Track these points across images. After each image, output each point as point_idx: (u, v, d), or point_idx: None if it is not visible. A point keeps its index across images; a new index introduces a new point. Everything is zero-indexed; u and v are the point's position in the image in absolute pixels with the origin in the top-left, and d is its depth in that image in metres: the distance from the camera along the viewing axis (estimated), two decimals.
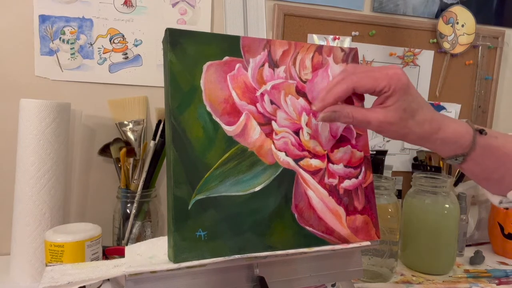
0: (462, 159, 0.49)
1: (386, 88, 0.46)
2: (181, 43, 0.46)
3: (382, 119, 0.46)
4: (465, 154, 0.49)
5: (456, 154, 0.49)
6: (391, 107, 0.46)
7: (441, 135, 0.48)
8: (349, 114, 0.47)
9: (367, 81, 0.46)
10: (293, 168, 0.49)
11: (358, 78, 0.46)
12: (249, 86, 0.49)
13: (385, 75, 0.46)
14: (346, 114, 0.47)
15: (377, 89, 0.46)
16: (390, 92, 0.46)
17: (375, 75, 0.46)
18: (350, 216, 0.51)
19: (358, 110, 0.47)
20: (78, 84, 0.85)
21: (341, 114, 0.47)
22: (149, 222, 0.83)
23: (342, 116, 0.47)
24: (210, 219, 0.45)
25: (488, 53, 1.09)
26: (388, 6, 1.01)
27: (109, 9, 0.85)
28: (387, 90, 0.46)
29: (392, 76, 0.46)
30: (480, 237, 1.01)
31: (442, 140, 0.48)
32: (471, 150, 0.48)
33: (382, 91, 0.46)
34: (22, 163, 0.70)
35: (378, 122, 0.46)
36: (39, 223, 0.70)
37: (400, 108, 0.46)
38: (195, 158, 0.45)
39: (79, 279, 0.42)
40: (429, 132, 0.47)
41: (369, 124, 0.47)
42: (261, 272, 0.48)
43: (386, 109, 0.46)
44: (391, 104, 0.46)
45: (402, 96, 0.46)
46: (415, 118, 0.47)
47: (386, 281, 0.77)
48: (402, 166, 1.07)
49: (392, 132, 0.47)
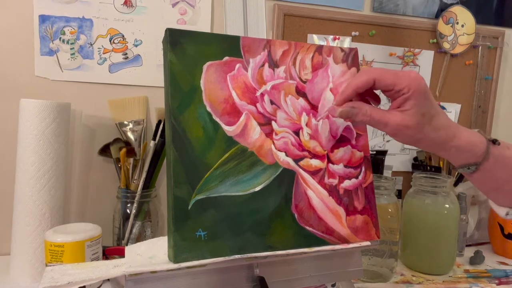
0: (475, 168, 0.49)
1: (406, 89, 0.45)
2: (181, 43, 0.46)
3: (399, 121, 0.46)
4: (478, 163, 0.48)
5: (469, 163, 0.49)
6: (409, 111, 0.46)
7: (456, 142, 0.48)
8: (367, 112, 0.47)
9: (389, 76, 0.46)
10: (293, 168, 0.49)
11: (381, 72, 0.46)
12: (249, 86, 0.49)
13: (407, 76, 0.46)
14: (364, 112, 0.47)
15: (397, 87, 0.46)
16: (409, 94, 0.45)
17: (397, 73, 0.46)
18: (350, 216, 0.51)
19: (377, 110, 0.47)
20: (78, 84, 0.85)
21: (359, 111, 0.47)
22: (149, 222, 0.83)
23: (360, 114, 0.47)
24: (210, 219, 0.45)
25: (488, 53, 1.09)
26: (388, 6, 1.01)
27: (109, 9, 0.85)
28: (407, 91, 0.45)
29: (413, 78, 0.46)
30: (480, 237, 1.01)
31: (456, 148, 0.48)
32: (484, 160, 0.48)
33: (401, 91, 0.46)
34: (22, 163, 0.70)
35: (396, 125, 0.46)
36: (39, 223, 0.70)
37: (418, 112, 0.46)
38: (195, 158, 0.45)
39: (79, 279, 0.42)
40: (445, 139, 0.47)
41: (386, 125, 0.47)
42: (261, 272, 0.48)
43: (404, 113, 0.46)
44: (409, 108, 0.46)
45: (421, 100, 0.46)
46: (431, 123, 0.47)
47: (386, 281, 0.77)
48: (402, 166, 1.07)
49: (408, 137, 0.47)
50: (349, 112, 0.47)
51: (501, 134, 1.15)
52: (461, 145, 0.48)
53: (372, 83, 0.47)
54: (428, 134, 0.47)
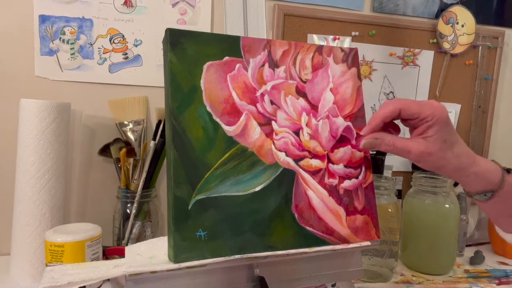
0: (491, 195, 0.50)
1: (429, 117, 0.47)
2: (181, 43, 0.46)
3: (422, 149, 0.48)
4: (494, 191, 0.50)
5: (485, 190, 0.50)
6: (432, 138, 0.48)
7: (475, 169, 0.49)
8: (390, 142, 0.49)
9: (414, 106, 0.48)
10: (293, 168, 0.49)
11: (405, 101, 0.49)
12: (249, 86, 0.49)
13: (430, 105, 0.48)
14: (387, 142, 0.49)
15: (421, 116, 0.48)
16: (433, 121, 0.47)
17: (421, 103, 0.49)
18: (350, 216, 0.51)
19: (399, 139, 0.49)
20: (78, 84, 0.85)
21: (382, 141, 0.49)
22: (149, 222, 0.83)
23: (383, 144, 0.49)
24: (210, 219, 0.45)
25: (488, 53, 1.09)
26: (388, 6, 1.01)
27: (109, 9, 0.85)
28: (430, 119, 0.47)
29: (436, 107, 0.48)
30: (480, 237, 1.01)
31: (475, 174, 0.49)
32: (499, 188, 0.49)
33: (425, 119, 0.48)
34: (22, 163, 0.70)
35: (419, 152, 0.48)
36: (39, 223, 0.70)
37: (440, 139, 0.48)
38: (195, 158, 0.45)
39: (79, 279, 0.42)
40: (466, 165, 0.49)
41: (409, 153, 0.48)
42: (261, 272, 0.48)
43: (427, 139, 0.48)
44: (432, 135, 0.48)
45: (443, 127, 0.48)
46: (453, 150, 0.48)
47: (386, 281, 0.77)
48: (402, 166, 1.07)
49: (430, 163, 0.49)
50: (373, 143, 0.49)
51: (501, 134, 1.15)
52: (479, 172, 0.49)
53: (398, 113, 0.49)
54: (450, 160, 0.48)
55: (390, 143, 0.49)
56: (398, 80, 1.04)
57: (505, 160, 1.14)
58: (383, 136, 0.49)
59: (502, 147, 1.15)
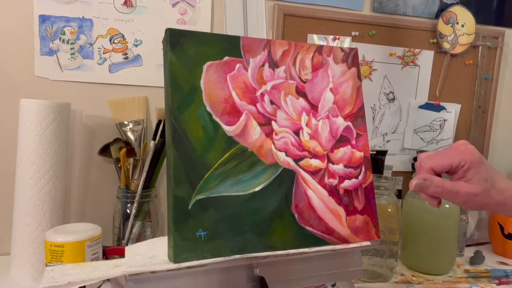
0: None
1: (463, 162, 0.48)
2: (181, 43, 0.46)
3: (468, 190, 0.48)
4: None
5: None
6: (473, 179, 0.48)
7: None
8: (439, 183, 0.49)
9: (443, 160, 0.49)
10: (293, 168, 0.49)
11: (434, 160, 0.49)
12: (249, 86, 0.49)
13: (457, 151, 0.49)
14: (436, 183, 0.49)
15: (454, 165, 0.48)
16: (468, 165, 0.48)
17: (447, 153, 0.49)
18: (350, 216, 0.51)
19: (447, 181, 0.49)
20: (78, 84, 0.85)
21: (431, 183, 0.49)
22: (149, 222, 0.83)
23: (432, 185, 0.49)
24: (210, 219, 0.45)
25: (488, 53, 1.09)
26: (388, 6, 1.01)
27: (109, 9, 0.85)
28: (464, 163, 0.48)
29: (463, 151, 0.49)
30: (480, 237, 1.01)
31: None
32: None
33: (460, 166, 0.48)
34: (22, 163, 0.70)
35: (465, 194, 0.48)
36: (39, 223, 0.70)
37: (482, 179, 0.48)
38: (195, 158, 0.45)
39: (79, 279, 0.42)
40: (510, 199, 0.49)
41: (457, 194, 0.48)
42: (261, 272, 0.48)
43: (469, 182, 0.48)
44: (472, 177, 0.48)
45: (480, 167, 0.48)
46: (495, 186, 0.49)
47: (386, 281, 0.77)
48: (402, 166, 1.07)
49: (476, 203, 0.49)
50: (423, 185, 0.49)
51: (501, 134, 1.15)
52: None
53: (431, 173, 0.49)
54: (494, 197, 0.49)
55: (439, 185, 0.49)
56: (398, 80, 1.04)
57: (505, 160, 1.15)
58: (432, 178, 0.49)
59: (502, 147, 1.15)
